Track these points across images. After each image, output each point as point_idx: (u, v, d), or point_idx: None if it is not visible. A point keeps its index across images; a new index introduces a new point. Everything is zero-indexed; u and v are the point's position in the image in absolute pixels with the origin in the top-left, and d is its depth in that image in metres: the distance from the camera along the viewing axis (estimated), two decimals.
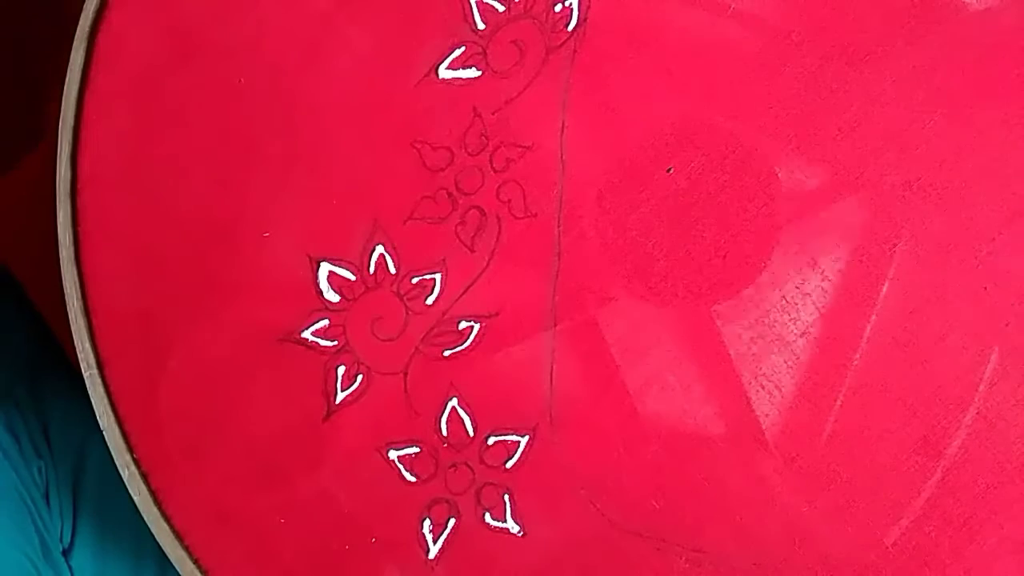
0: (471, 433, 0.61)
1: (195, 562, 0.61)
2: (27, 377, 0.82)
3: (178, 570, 0.62)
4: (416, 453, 0.61)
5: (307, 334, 0.60)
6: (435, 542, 0.61)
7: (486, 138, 0.59)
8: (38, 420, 0.81)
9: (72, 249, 0.59)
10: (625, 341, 0.60)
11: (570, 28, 0.59)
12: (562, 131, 0.59)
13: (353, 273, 0.60)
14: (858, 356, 0.59)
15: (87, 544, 0.81)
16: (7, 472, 0.77)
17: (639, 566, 0.61)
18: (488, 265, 0.60)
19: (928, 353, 0.59)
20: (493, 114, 0.59)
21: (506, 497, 0.61)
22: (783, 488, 0.60)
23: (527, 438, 0.60)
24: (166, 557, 0.62)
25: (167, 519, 0.61)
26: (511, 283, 0.60)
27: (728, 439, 0.60)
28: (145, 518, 0.61)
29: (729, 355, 0.60)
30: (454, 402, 0.60)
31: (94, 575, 0.81)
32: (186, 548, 0.61)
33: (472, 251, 0.60)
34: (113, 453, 0.61)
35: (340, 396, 0.60)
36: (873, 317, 0.59)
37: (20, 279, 0.88)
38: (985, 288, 0.59)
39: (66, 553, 0.80)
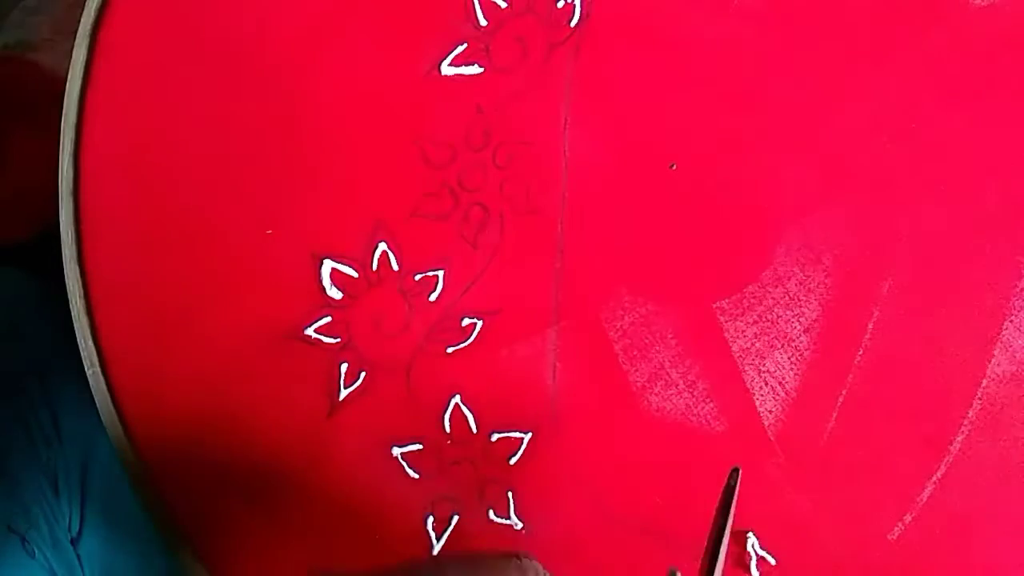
0: (474, 430, 0.61)
1: (200, 560, 0.62)
2: (39, 370, 0.82)
3: (183, 565, 0.62)
4: (419, 450, 0.61)
5: (310, 331, 0.60)
6: (438, 538, 0.61)
7: (489, 134, 0.59)
8: (48, 409, 0.81)
9: (74, 248, 0.59)
10: (628, 338, 0.60)
11: (572, 24, 0.58)
12: (565, 127, 0.59)
13: (356, 270, 0.60)
14: (861, 352, 0.59)
15: (95, 532, 0.81)
16: (17, 459, 0.77)
17: (642, 562, 0.61)
18: (491, 262, 0.60)
19: (931, 350, 0.59)
20: (496, 111, 0.59)
21: (509, 494, 0.61)
22: (786, 485, 0.60)
23: (530, 435, 0.61)
24: None
25: (172, 517, 0.61)
26: (514, 280, 0.60)
27: (731, 436, 0.60)
28: (150, 514, 0.61)
29: (732, 352, 0.60)
30: (457, 399, 0.60)
31: (102, 563, 0.81)
32: (190, 546, 0.62)
33: (475, 248, 0.60)
34: (116, 450, 0.61)
35: (343, 393, 0.60)
36: (876, 313, 0.59)
37: None
38: (988, 284, 0.58)
39: (74, 542, 0.80)
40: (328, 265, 0.60)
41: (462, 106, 0.59)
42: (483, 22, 0.58)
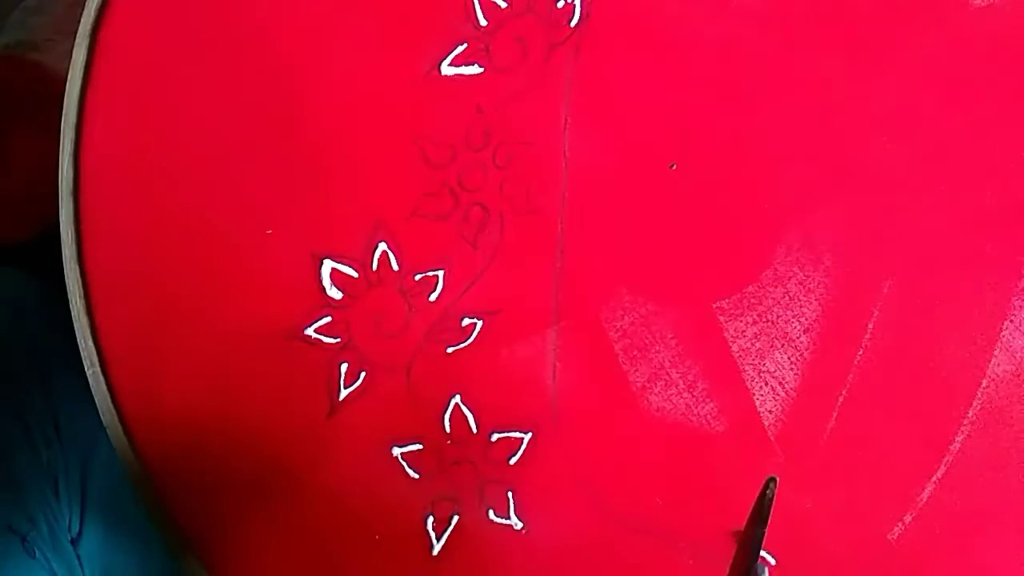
0: (474, 430, 0.61)
1: (199, 559, 0.61)
2: (39, 370, 0.82)
3: (183, 567, 0.62)
4: (419, 450, 0.61)
5: (310, 331, 0.60)
6: (438, 539, 0.61)
7: (489, 134, 0.59)
8: (48, 409, 0.81)
9: (75, 247, 0.59)
10: (628, 338, 0.60)
11: (572, 24, 0.59)
12: (565, 127, 0.59)
13: (356, 270, 0.60)
14: (861, 352, 0.59)
15: (95, 533, 0.81)
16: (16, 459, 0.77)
17: (642, 562, 0.61)
18: (491, 262, 0.60)
19: (931, 350, 0.59)
20: (496, 111, 0.59)
21: (509, 494, 0.61)
22: (786, 484, 0.60)
23: (530, 435, 0.60)
24: None
25: (171, 517, 0.61)
26: (514, 280, 0.60)
27: (731, 436, 0.60)
28: (149, 515, 0.61)
29: (732, 352, 0.60)
30: (457, 399, 0.60)
31: (102, 563, 0.81)
32: (190, 546, 0.61)
33: (475, 248, 0.60)
34: (116, 450, 0.61)
35: (343, 393, 0.60)
36: (876, 313, 0.59)
37: None
38: (988, 284, 0.58)
39: (74, 542, 0.80)
40: (328, 265, 0.60)
41: (462, 106, 0.59)
42: (483, 22, 0.58)
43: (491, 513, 0.61)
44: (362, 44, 0.59)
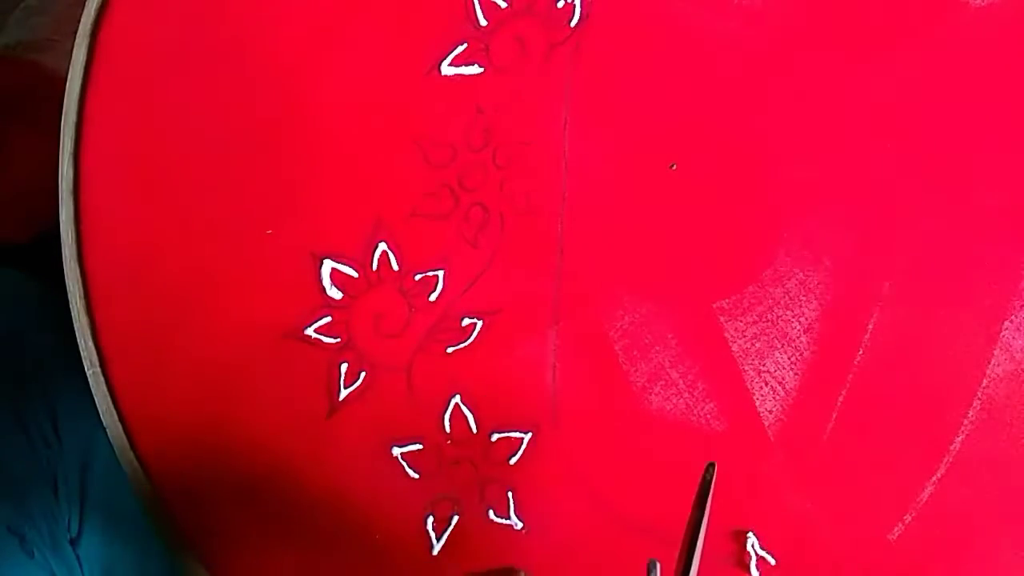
0: (474, 430, 0.61)
1: (199, 560, 0.61)
2: (39, 370, 0.82)
3: (183, 567, 0.62)
4: (419, 450, 0.61)
5: (310, 331, 0.60)
6: (439, 538, 0.61)
7: (489, 134, 0.59)
8: (48, 410, 0.81)
9: (75, 247, 0.59)
10: (628, 338, 0.60)
11: (572, 24, 0.59)
12: (565, 127, 0.59)
13: (356, 270, 0.60)
14: (861, 352, 0.59)
15: (95, 533, 0.81)
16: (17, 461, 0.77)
17: (641, 562, 0.61)
18: (491, 262, 0.60)
19: (930, 350, 0.59)
20: (496, 111, 0.59)
21: (509, 494, 0.61)
22: (786, 485, 0.60)
23: (530, 435, 0.61)
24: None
25: (171, 517, 0.61)
26: (514, 280, 0.60)
27: (731, 436, 0.60)
28: (150, 515, 0.61)
29: (732, 352, 0.60)
30: (457, 399, 0.60)
31: (102, 564, 0.81)
32: (190, 546, 0.61)
33: (475, 247, 0.60)
34: (116, 451, 0.61)
35: (343, 393, 0.60)
36: (876, 313, 0.59)
37: None
38: (988, 284, 0.58)
39: (74, 542, 0.80)
40: (328, 265, 0.60)
41: (462, 106, 0.59)
42: (483, 22, 0.58)
43: (491, 513, 0.61)
44: (362, 44, 0.59)
